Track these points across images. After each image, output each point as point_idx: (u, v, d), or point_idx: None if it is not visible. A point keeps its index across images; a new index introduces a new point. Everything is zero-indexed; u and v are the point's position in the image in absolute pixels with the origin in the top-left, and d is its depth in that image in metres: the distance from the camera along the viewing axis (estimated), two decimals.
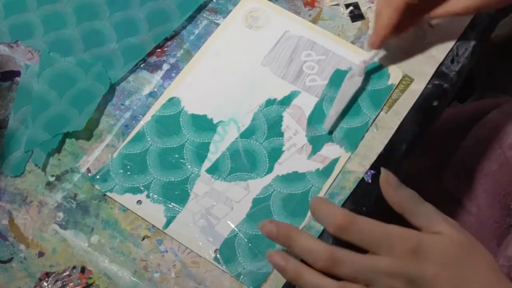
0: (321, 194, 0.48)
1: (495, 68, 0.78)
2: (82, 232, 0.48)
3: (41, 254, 0.48)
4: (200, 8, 0.57)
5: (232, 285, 0.46)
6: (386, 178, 0.42)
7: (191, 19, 0.56)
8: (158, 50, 0.55)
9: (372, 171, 0.49)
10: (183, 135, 0.51)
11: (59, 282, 0.47)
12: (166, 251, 0.47)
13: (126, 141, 0.51)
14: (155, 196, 0.49)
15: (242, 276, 0.46)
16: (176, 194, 0.49)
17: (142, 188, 0.49)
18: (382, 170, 0.43)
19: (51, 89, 0.53)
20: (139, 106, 0.53)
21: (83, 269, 0.47)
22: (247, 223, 0.47)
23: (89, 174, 0.50)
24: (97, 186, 0.49)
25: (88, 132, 0.52)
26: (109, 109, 0.53)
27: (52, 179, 0.50)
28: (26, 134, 0.51)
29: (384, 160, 0.49)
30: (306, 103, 0.52)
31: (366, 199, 0.48)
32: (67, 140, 0.51)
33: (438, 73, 0.53)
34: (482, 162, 0.58)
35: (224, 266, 0.46)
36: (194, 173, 0.49)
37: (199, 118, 0.52)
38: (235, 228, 0.47)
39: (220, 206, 0.48)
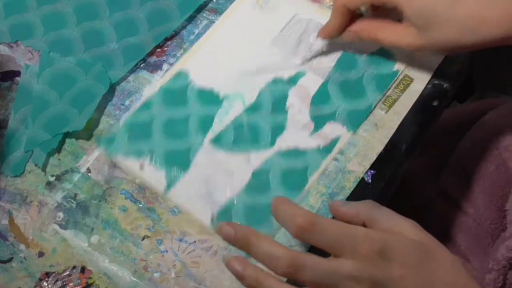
0: (320, 170, 0.49)
1: (495, 68, 0.78)
2: (82, 232, 0.48)
3: (41, 254, 0.48)
4: (200, 8, 0.57)
5: (232, 285, 0.46)
6: (332, 204, 0.43)
7: (191, 19, 0.56)
8: (158, 50, 0.55)
9: (372, 171, 0.49)
10: (189, 107, 0.52)
11: (59, 282, 0.47)
12: (166, 251, 0.47)
13: (133, 110, 0.52)
14: (158, 162, 0.50)
15: None
16: (178, 161, 0.50)
17: (146, 154, 0.50)
18: (329, 204, 0.44)
19: (51, 89, 0.53)
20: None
21: (83, 269, 0.47)
22: (245, 194, 0.48)
23: (89, 174, 0.50)
24: (102, 149, 0.50)
25: (88, 132, 0.52)
26: (109, 109, 0.53)
27: (52, 179, 0.50)
28: (26, 134, 0.51)
29: (384, 160, 0.49)
30: (311, 83, 0.53)
31: (366, 199, 0.48)
32: (67, 140, 0.51)
33: (438, 73, 0.53)
34: (480, 163, 0.58)
35: None
36: (197, 143, 0.51)
37: (206, 91, 0.53)
38: (233, 198, 0.48)
39: (220, 176, 0.49)
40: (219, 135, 0.51)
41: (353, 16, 0.51)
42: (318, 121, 0.51)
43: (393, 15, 0.49)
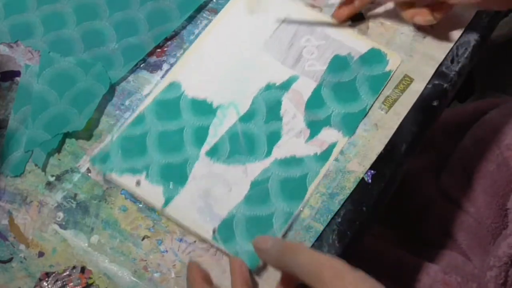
0: (319, 178, 0.48)
1: (495, 68, 0.78)
2: (82, 232, 0.48)
3: (41, 254, 0.48)
4: (200, 8, 0.57)
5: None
6: (255, 244, 0.42)
7: (191, 19, 0.56)
8: (158, 50, 0.55)
9: (372, 171, 0.49)
10: (182, 119, 0.51)
11: (59, 282, 0.47)
12: (166, 251, 0.47)
13: (126, 124, 0.51)
14: (154, 177, 0.49)
15: (239, 255, 0.46)
16: (175, 175, 0.49)
17: (141, 169, 0.49)
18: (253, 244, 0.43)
19: (51, 89, 0.53)
20: (139, 106, 0.53)
21: (83, 269, 0.47)
22: (245, 205, 0.48)
23: (89, 174, 0.50)
24: (97, 167, 0.49)
25: (88, 132, 0.52)
26: (109, 109, 0.53)
27: (52, 179, 0.50)
28: (26, 134, 0.51)
29: (384, 160, 0.49)
30: (305, 87, 0.52)
31: (366, 199, 0.48)
32: (67, 140, 0.51)
33: (438, 73, 0.53)
34: (481, 163, 0.58)
35: (222, 245, 0.47)
36: (193, 156, 0.50)
37: (199, 102, 0.52)
38: (233, 210, 0.48)
39: (218, 188, 0.49)
40: (214, 147, 0.50)
41: None
42: (314, 127, 0.50)
43: None
